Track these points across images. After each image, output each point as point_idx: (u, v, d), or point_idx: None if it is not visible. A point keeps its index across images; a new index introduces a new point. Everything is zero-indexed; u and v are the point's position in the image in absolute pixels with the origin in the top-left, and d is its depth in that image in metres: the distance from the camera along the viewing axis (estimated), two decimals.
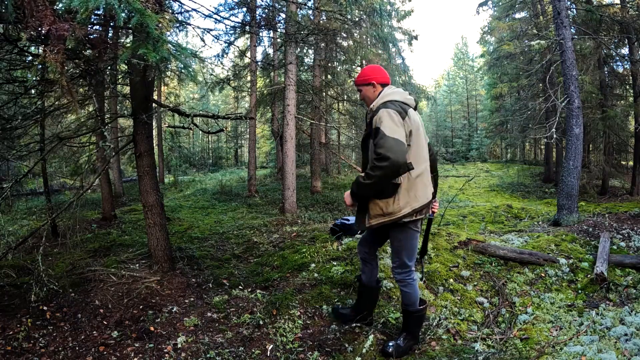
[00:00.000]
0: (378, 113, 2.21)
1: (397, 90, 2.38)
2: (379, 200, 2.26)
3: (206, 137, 32.23)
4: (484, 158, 26.63)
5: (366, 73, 2.44)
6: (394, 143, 2.08)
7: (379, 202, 2.26)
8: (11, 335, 2.60)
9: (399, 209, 2.22)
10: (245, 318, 2.96)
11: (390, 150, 2.06)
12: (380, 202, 2.25)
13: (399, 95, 2.34)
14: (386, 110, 2.18)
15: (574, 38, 7.47)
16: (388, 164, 2.05)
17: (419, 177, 2.25)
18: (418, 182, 2.25)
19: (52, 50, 1.97)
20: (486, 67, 19.09)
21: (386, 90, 2.38)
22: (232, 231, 6.43)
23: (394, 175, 2.15)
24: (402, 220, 2.25)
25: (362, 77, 2.44)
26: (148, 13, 2.10)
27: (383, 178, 2.11)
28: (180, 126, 4.10)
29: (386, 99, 2.31)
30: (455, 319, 2.93)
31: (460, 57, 32.51)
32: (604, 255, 3.49)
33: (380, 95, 2.36)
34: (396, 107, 2.23)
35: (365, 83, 2.42)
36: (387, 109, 2.20)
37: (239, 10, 9.35)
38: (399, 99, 2.31)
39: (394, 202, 2.22)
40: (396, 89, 2.39)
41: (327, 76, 13.46)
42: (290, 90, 7.96)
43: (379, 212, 2.27)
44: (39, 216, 7.46)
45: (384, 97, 2.33)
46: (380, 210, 2.26)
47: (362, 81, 2.43)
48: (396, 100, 2.30)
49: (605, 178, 11.90)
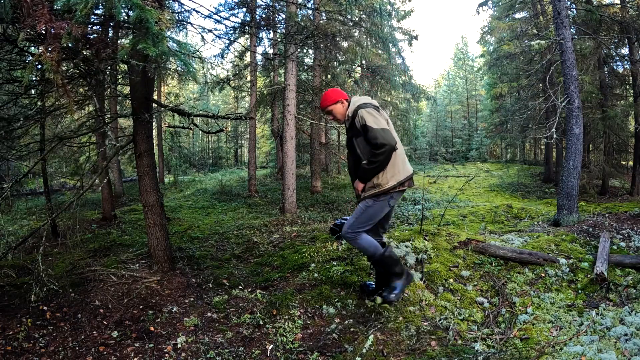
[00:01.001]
0: (358, 115, 2.64)
1: (363, 96, 2.81)
2: None
3: (206, 137, 32.24)
4: (484, 158, 26.63)
5: (331, 95, 2.81)
6: (383, 132, 2.56)
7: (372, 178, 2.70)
8: (11, 335, 2.60)
9: (387, 180, 2.67)
10: (245, 318, 2.96)
11: (383, 138, 2.54)
12: (373, 178, 2.69)
13: (366, 99, 2.77)
14: (364, 110, 2.63)
15: (574, 38, 7.47)
16: (385, 149, 2.54)
17: (399, 155, 2.71)
18: (399, 158, 2.71)
19: (48, 48, 1.97)
20: (486, 67, 19.09)
21: (353, 99, 2.80)
22: (232, 231, 6.43)
23: (390, 156, 2.63)
24: (389, 190, 2.68)
25: (329, 99, 2.81)
26: (147, 8, 2.10)
27: (384, 160, 2.60)
28: (180, 126, 4.10)
29: (357, 104, 2.72)
30: (455, 319, 2.93)
31: (460, 57, 32.50)
32: (604, 255, 3.49)
33: (350, 104, 2.78)
34: (368, 105, 2.69)
35: (335, 102, 2.80)
36: (364, 108, 2.64)
37: (239, 10, 9.36)
38: (367, 102, 2.74)
39: (382, 175, 2.67)
40: (362, 96, 2.81)
41: (327, 76, 13.46)
42: (290, 90, 7.95)
43: (371, 185, 2.71)
44: (39, 216, 7.46)
45: (354, 103, 2.75)
46: (372, 183, 2.70)
47: (331, 101, 2.80)
48: (365, 102, 2.72)
49: (605, 178, 11.89)
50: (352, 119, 2.71)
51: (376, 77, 13.83)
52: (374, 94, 14.46)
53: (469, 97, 30.93)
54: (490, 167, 21.70)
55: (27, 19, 1.97)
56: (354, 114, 2.68)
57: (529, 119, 14.82)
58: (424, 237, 4.11)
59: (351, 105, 2.76)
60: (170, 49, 2.25)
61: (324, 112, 2.90)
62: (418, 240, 4.01)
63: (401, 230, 4.61)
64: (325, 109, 2.86)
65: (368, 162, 2.62)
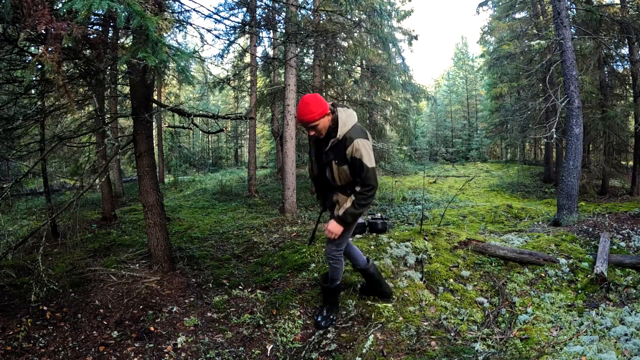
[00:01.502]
0: (353, 144, 2.36)
1: (348, 111, 2.48)
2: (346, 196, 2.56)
3: (206, 137, 32.23)
4: (484, 158, 26.61)
5: (316, 107, 2.36)
6: (374, 173, 2.41)
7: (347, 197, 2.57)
8: (11, 335, 2.60)
9: None
10: (245, 318, 2.96)
11: (375, 180, 2.42)
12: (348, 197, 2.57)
13: (353, 117, 2.47)
14: (361, 141, 2.37)
15: (574, 38, 7.47)
16: (374, 191, 2.45)
17: None
18: None
19: (49, 49, 1.97)
20: (486, 67, 19.09)
21: (341, 115, 2.43)
22: (232, 231, 6.43)
23: None
24: None
25: (315, 112, 2.35)
26: (148, 16, 2.10)
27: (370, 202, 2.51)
28: (180, 126, 4.11)
29: (349, 125, 2.42)
30: (455, 319, 2.93)
31: (460, 57, 32.49)
32: (604, 255, 3.49)
33: (341, 122, 2.41)
34: (363, 134, 2.42)
35: (323, 115, 2.38)
36: (360, 139, 2.37)
37: (239, 10, 9.36)
38: (355, 120, 2.47)
39: None
40: (347, 111, 2.47)
41: (327, 76, 13.47)
42: (290, 90, 7.95)
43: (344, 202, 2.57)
44: (39, 216, 7.46)
45: (345, 123, 2.42)
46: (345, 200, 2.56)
47: (319, 115, 2.36)
48: (355, 124, 2.46)
49: (605, 178, 11.89)
50: (342, 143, 2.40)
51: (376, 77, 13.84)
52: (374, 94, 14.48)
53: (469, 97, 30.92)
54: (490, 167, 21.70)
55: (28, 19, 1.97)
56: (346, 140, 2.38)
57: (529, 119, 14.82)
58: (424, 237, 4.11)
59: (342, 125, 2.40)
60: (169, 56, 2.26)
61: (305, 127, 2.43)
62: (418, 240, 4.01)
63: (401, 230, 4.61)
64: (308, 124, 2.38)
65: (358, 205, 2.45)
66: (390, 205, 9.87)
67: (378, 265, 3.59)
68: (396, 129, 16.63)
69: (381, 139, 14.68)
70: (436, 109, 29.88)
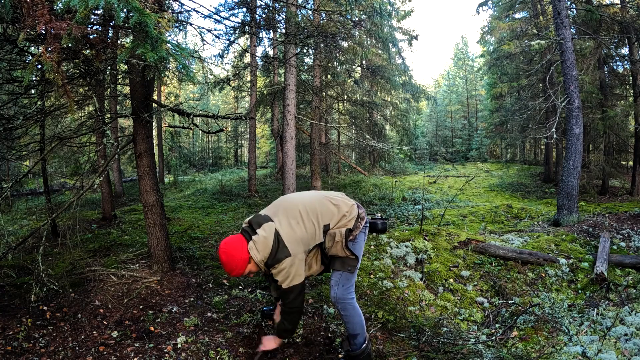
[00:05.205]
0: (276, 268, 2.18)
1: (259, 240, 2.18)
2: None
3: (206, 137, 32.25)
4: (484, 158, 26.61)
5: (234, 261, 2.17)
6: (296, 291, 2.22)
7: None
8: (11, 335, 2.60)
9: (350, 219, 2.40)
10: (245, 318, 2.96)
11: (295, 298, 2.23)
12: None
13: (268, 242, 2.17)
14: (280, 265, 2.15)
15: (574, 38, 7.47)
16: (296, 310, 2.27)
17: None
18: None
19: (48, 49, 1.97)
20: (486, 67, 19.08)
21: (254, 253, 2.18)
22: (232, 231, 6.43)
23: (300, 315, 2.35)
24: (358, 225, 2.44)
25: (237, 267, 2.18)
26: (147, 12, 2.10)
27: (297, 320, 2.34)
28: (180, 126, 4.10)
29: (266, 253, 2.18)
30: (455, 319, 2.93)
31: (460, 57, 32.50)
32: (604, 255, 3.49)
33: (261, 257, 2.18)
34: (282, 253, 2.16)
35: (246, 262, 2.20)
36: (279, 262, 2.15)
37: (239, 10, 9.37)
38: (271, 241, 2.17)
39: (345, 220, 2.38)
40: (258, 240, 2.18)
41: (327, 76, 13.47)
42: (290, 90, 7.96)
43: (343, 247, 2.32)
44: (39, 216, 7.46)
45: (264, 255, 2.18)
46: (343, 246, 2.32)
47: (242, 267, 2.19)
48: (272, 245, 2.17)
49: (605, 178, 11.90)
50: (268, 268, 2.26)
51: (376, 77, 13.84)
52: (374, 94, 14.48)
53: (469, 97, 30.93)
54: (490, 167, 21.69)
55: (27, 19, 1.97)
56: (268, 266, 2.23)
57: (529, 119, 14.82)
58: (424, 237, 4.11)
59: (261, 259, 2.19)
60: (169, 53, 2.24)
61: None
62: (418, 240, 4.01)
63: (401, 230, 4.60)
64: (241, 276, 2.31)
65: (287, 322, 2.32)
66: (390, 205, 9.87)
67: (378, 265, 3.59)
68: (396, 129, 16.64)
69: (381, 139, 14.68)
70: (436, 108, 29.90)
